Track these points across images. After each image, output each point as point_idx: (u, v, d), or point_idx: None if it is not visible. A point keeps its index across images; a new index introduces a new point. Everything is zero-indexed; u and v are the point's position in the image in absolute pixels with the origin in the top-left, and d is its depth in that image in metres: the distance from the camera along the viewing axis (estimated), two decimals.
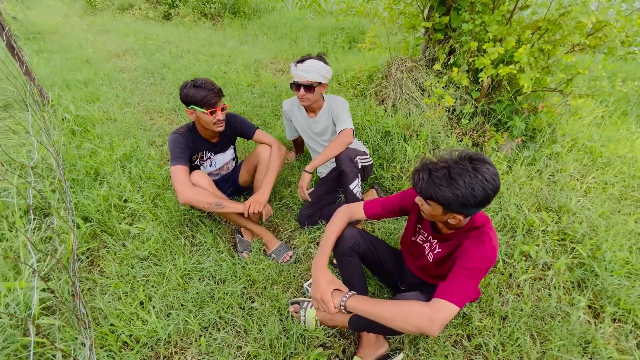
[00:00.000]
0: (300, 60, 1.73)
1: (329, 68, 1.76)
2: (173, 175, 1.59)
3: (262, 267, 1.67)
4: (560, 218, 1.90)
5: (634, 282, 1.58)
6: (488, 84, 2.32)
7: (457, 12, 2.30)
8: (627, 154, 2.32)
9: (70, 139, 2.55)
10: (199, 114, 1.61)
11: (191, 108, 1.60)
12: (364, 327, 1.27)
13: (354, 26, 4.94)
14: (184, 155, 1.64)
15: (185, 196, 1.56)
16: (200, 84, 1.56)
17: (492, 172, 0.93)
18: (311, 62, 1.70)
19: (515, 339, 1.38)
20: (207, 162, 1.85)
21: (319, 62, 1.71)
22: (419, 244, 1.28)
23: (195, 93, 1.55)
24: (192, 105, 1.58)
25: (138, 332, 1.38)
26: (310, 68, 1.68)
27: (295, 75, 1.73)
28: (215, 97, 1.58)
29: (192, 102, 1.57)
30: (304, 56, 1.74)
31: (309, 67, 1.68)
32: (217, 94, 1.58)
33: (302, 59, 1.72)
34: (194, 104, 1.57)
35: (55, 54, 4.48)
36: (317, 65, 1.70)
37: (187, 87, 1.57)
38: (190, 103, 1.58)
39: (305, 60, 1.71)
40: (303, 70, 1.69)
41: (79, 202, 1.93)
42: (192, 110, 1.61)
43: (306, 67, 1.68)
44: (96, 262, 1.73)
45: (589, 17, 1.78)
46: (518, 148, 2.33)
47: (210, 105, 1.57)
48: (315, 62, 1.70)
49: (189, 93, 1.56)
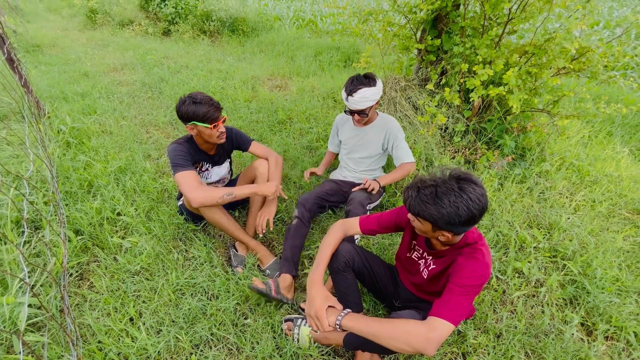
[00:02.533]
0: (351, 91, 1.74)
1: (379, 88, 1.76)
2: (181, 181, 1.56)
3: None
4: (551, 235, 1.93)
5: (625, 299, 1.60)
6: (479, 103, 2.40)
7: (449, 35, 2.40)
8: (613, 173, 2.39)
9: (65, 151, 2.54)
10: (201, 129, 1.60)
11: (192, 124, 1.59)
12: (358, 346, 1.26)
13: (349, 46, 5.09)
14: (187, 161, 1.63)
15: (198, 198, 1.53)
16: (200, 100, 1.55)
17: (478, 192, 0.95)
18: (362, 93, 1.72)
19: (509, 357, 1.37)
20: (204, 174, 1.85)
21: (369, 90, 1.73)
22: (414, 260, 1.29)
23: (196, 109, 1.54)
24: (194, 122, 1.58)
25: (127, 349, 1.34)
26: (362, 99, 1.74)
27: (347, 104, 1.79)
28: (217, 112, 1.59)
29: (194, 118, 1.56)
30: (354, 82, 1.74)
31: (361, 99, 1.73)
32: (217, 108, 1.60)
33: (354, 89, 1.73)
34: (196, 120, 1.57)
35: (53, 67, 4.51)
36: (368, 93, 1.73)
37: (185, 104, 1.56)
38: (191, 119, 1.57)
39: (356, 90, 1.72)
40: (355, 102, 1.75)
41: (71, 214, 1.91)
42: (193, 126, 1.60)
43: (357, 99, 1.73)
44: (86, 277, 1.70)
45: (572, 44, 1.87)
46: (509, 166, 2.39)
47: (213, 120, 1.58)
48: (366, 91, 1.72)
49: (189, 110, 1.55)
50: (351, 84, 1.75)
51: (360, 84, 1.73)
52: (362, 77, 1.76)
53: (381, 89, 1.78)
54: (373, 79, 1.76)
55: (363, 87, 1.72)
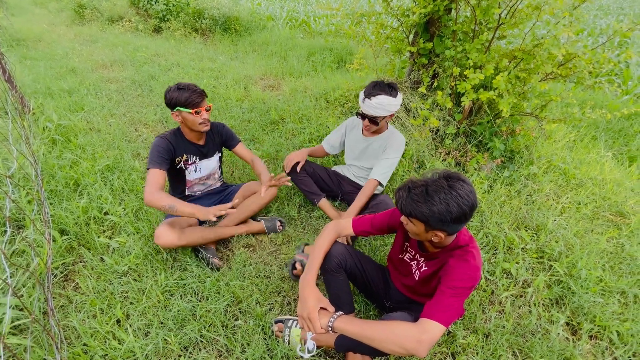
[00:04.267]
0: (370, 94, 1.68)
1: (398, 100, 1.71)
2: (148, 178, 1.59)
3: (247, 284, 1.64)
4: (538, 236, 1.97)
5: (608, 299, 1.65)
6: (469, 106, 2.44)
7: (440, 39, 2.44)
8: (598, 176, 2.46)
9: (51, 149, 2.47)
10: (185, 114, 1.65)
11: (176, 110, 1.64)
12: (350, 348, 1.26)
13: (342, 47, 5.11)
14: (161, 159, 1.63)
15: (148, 197, 1.53)
16: (184, 87, 1.61)
17: (466, 189, 0.97)
18: (380, 100, 1.67)
19: (498, 356, 1.39)
20: (192, 167, 1.83)
21: (388, 99, 1.67)
22: (407, 262, 1.30)
23: (179, 95, 1.60)
24: (177, 107, 1.62)
25: (113, 352, 1.31)
26: (378, 106, 1.68)
27: (362, 106, 1.73)
28: (199, 97, 1.63)
29: (177, 103, 1.61)
30: (376, 87, 1.68)
31: (377, 105, 1.68)
32: (200, 94, 1.63)
33: (374, 93, 1.67)
34: (179, 105, 1.61)
35: (39, 62, 4.39)
36: (386, 102, 1.67)
37: (171, 91, 1.62)
38: (175, 105, 1.62)
39: (375, 95, 1.67)
40: (370, 107, 1.69)
41: (56, 214, 1.85)
42: (178, 112, 1.65)
43: (374, 104, 1.68)
44: (71, 277, 1.65)
45: (559, 50, 1.92)
46: (498, 168, 2.43)
47: (195, 105, 1.62)
48: (384, 99, 1.67)
49: (173, 96, 1.61)
50: (372, 88, 1.69)
51: (382, 90, 1.68)
52: (386, 84, 1.70)
53: (400, 103, 1.73)
54: (396, 89, 1.71)
55: (383, 94, 1.68)
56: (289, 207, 2.14)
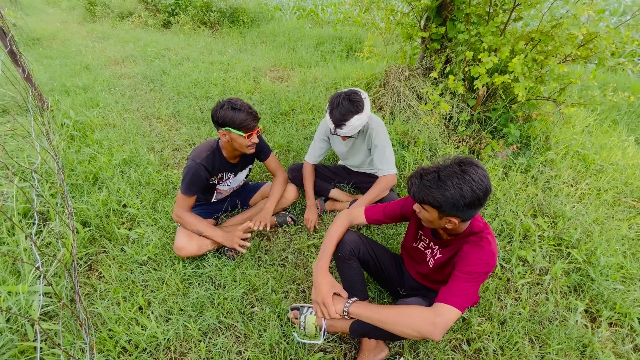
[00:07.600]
0: (339, 124, 1.60)
1: (367, 109, 1.62)
2: (178, 199, 1.64)
3: (262, 272, 1.68)
4: (556, 223, 1.93)
5: (629, 286, 1.61)
6: (483, 92, 2.38)
7: (453, 23, 2.37)
8: (619, 162, 2.38)
9: (70, 144, 2.55)
10: (235, 136, 1.55)
11: (226, 130, 1.54)
12: (365, 333, 1.28)
13: (352, 35, 5.03)
14: (195, 189, 1.63)
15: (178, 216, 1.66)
16: (240, 107, 1.51)
17: (479, 173, 0.96)
18: (351, 123, 1.59)
19: (514, 343, 1.39)
20: (225, 183, 1.82)
21: (358, 118, 1.58)
22: (421, 250, 1.30)
23: (234, 115, 1.50)
24: (228, 127, 1.53)
25: (137, 337, 1.37)
26: (352, 128, 1.61)
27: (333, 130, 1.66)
28: (254, 121, 1.55)
29: (230, 124, 1.51)
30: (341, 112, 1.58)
31: (351, 128, 1.61)
32: (255, 118, 1.56)
33: (342, 120, 1.58)
34: (232, 126, 1.52)
35: (54, 60, 4.50)
36: (358, 122, 1.60)
37: (224, 109, 1.51)
38: (227, 125, 1.52)
39: (344, 123, 1.59)
40: (343, 133, 1.64)
41: (78, 206, 1.92)
42: (227, 131, 1.55)
43: (345, 131, 1.62)
44: (94, 267, 1.72)
45: (579, 29, 1.84)
46: (513, 155, 2.38)
47: (249, 129, 1.54)
48: (354, 120, 1.58)
49: (227, 115, 1.50)
50: (338, 115, 1.58)
51: (348, 112, 1.57)
52: (347, 101, 1.57)
53: (369, 108, 1.63)
54: (359, 101, 1.58)
55: (350, 116, 1.57)
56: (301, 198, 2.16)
